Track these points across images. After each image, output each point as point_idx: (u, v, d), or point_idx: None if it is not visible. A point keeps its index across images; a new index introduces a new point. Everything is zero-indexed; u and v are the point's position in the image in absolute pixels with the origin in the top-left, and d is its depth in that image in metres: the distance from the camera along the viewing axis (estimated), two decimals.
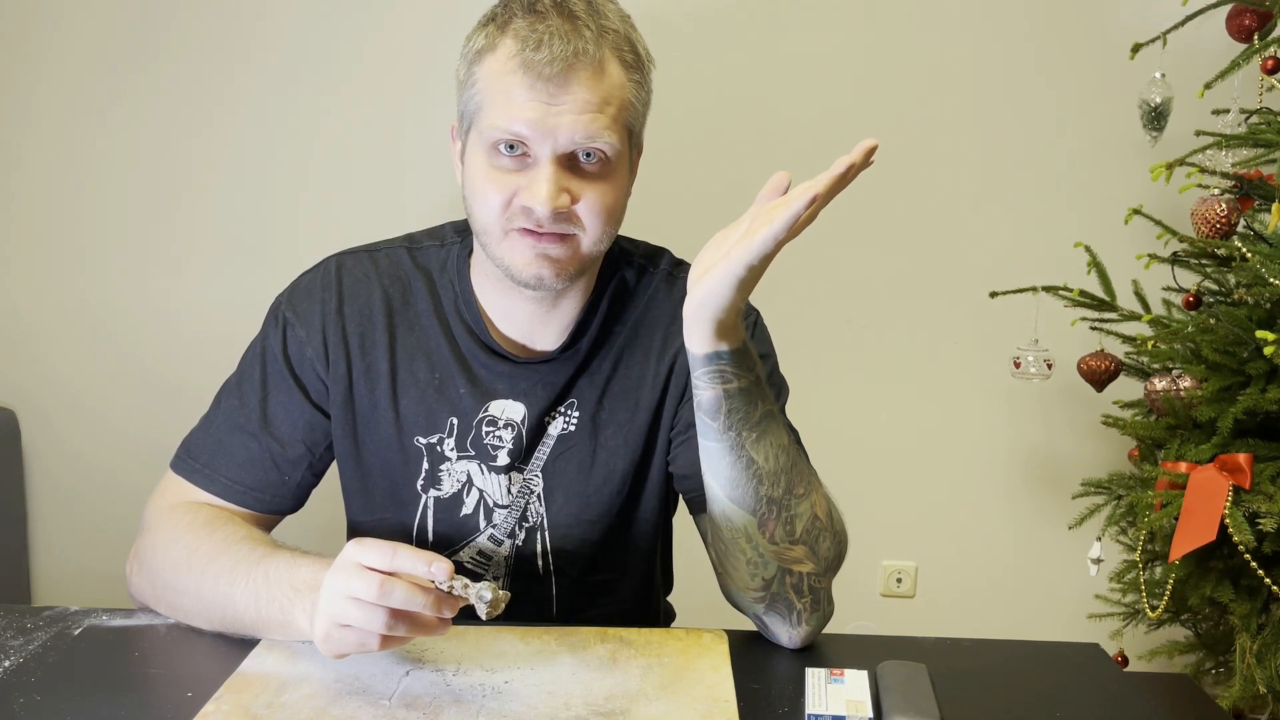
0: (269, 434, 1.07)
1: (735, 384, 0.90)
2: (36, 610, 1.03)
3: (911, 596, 2.25)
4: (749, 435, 0.92)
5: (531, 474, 1.08)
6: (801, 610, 0.97)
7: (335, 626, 0.84)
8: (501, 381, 1.07)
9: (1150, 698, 0.93)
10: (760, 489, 0.93)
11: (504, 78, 0.94)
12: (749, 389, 0.91)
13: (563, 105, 0.93)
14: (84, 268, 2.15)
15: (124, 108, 2.10)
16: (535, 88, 0.93)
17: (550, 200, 0.94)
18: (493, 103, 0.95)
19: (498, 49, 0.95)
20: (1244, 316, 1.52)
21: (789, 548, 0.95)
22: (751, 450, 0.92)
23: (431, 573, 0.82)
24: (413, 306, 1.09)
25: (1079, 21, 2.05)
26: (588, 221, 0.98)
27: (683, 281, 1.11)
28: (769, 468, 0.93)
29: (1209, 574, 1.54)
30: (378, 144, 2.11)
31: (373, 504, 1.11)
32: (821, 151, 2.18)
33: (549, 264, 0.98)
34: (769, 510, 0.93)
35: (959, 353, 2.16)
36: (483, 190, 0.98)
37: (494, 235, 0.99)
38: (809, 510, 0.95)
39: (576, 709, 0.85)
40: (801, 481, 0.95)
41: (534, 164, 0.95)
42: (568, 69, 0.92)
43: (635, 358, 1.09)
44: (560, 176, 0.95)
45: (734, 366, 0.89)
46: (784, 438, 0.94)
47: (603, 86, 0.95)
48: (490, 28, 0.97)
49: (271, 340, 1.09)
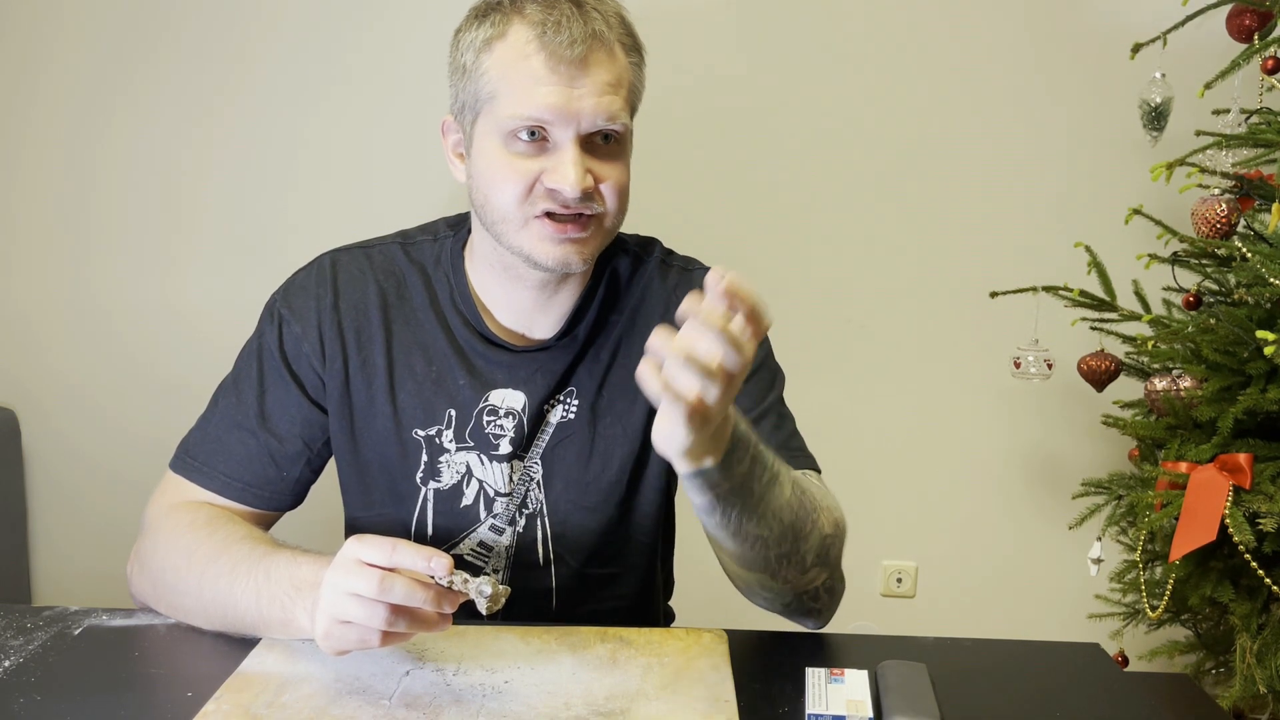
0: (267, 430, 1.08)
1: (727, 485, 0.85)
2: (36, 610, 1.03)
3: (911, 596, 2.25)
4: (749, 520, 0.88)
5: (531, 461, 1.09)
6: (821, 608, 1.01)
7: (336, 623, 0.84)
8: (501, 371, 1.08)
9: (1150, 698, 0.93)
10: (768, 552, 0.92)
11: (520, 63, 0.95)
12: (744, 482, 0.86)
13: (584, 88, 0.94)
14: (84, 267, 2.15)
15: (124, 107, 2.10)
16: (558, 70, 0.94)
17: (579, 183, 0.95)
18: (510, 89, 0.95)
19: (508, 35, 0.96)
20: (1244, 316, 1.52)
21: (802, 575, 0.96)
22: (754, 528, 0.89)
23: (431, 568, 0.82)
24: (408, 301, 1.10)
25: (1079, 21, 2.05)
26: (609, 200, 0.99)
27: (675, 271, 1.13)
28: (774, 535, 0.91)
29: (1209, 574, 1.54)
30: (378, 143, 2.11)
31: (371, 499, 1.11)
32: (821, 151, 2.20)
33: (574, 246, 0.99)
34: (779, 564, 0.94)
35: (959, 353, 2.16)
36: (501, 179, 0.98)
37: (513, 223, 0.99)
38: (818, 539, 0.96)
39: (576, 709, 0.85)
40: (808, 518, 0.94)
41: (555, 148, 0.96)
42: (588, 50, 0.94)
43: (634, 348, 1.10)
44: (583, 158, 0.96)
45: (722, 473, 0.84)
46: (786, 492, 0.91)
47: (616, 67, 0.97)
48: (495, 16, 0.97)
49: (268, 337, 1.09)
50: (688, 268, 1.14)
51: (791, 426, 1.11)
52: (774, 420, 1.09)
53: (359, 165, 2.11)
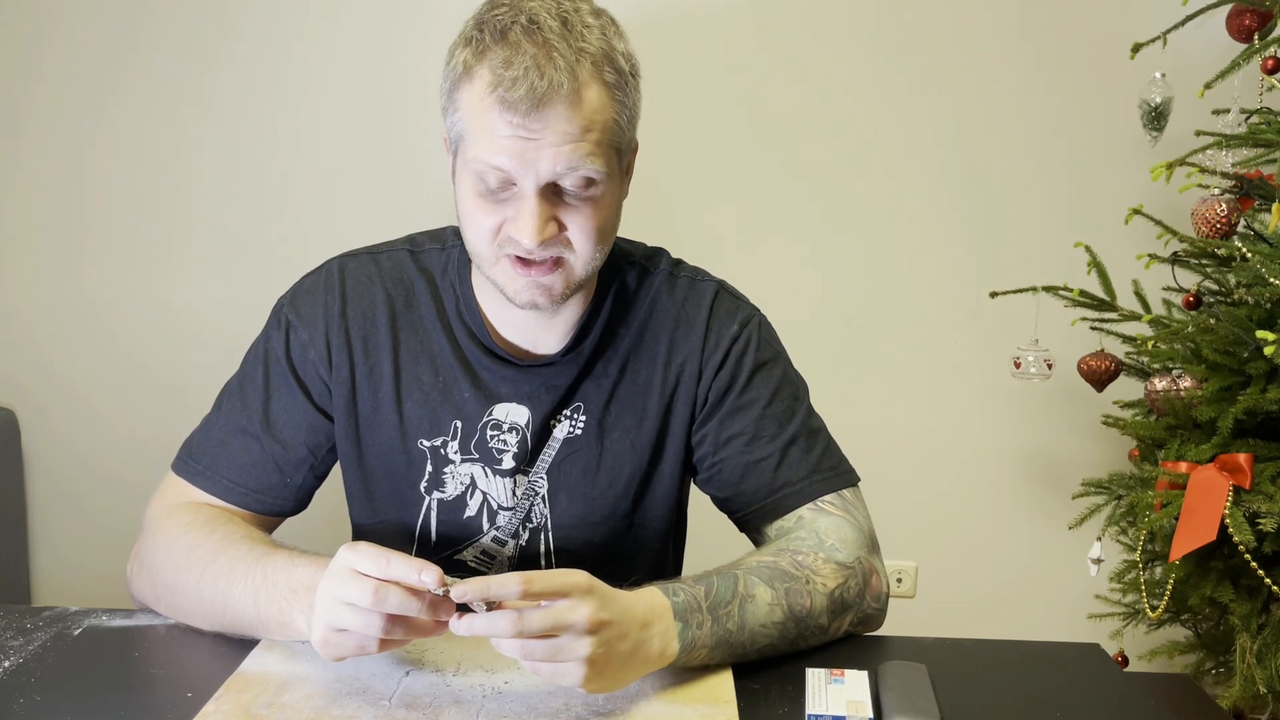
0: (271, 436, 1.07)
1: (704, 651, 0.92)
2: (36, 610, 1.03)
3: (911, 596, 2.25)
4: (741, 646, 0.94)
5: (536, 476, 1.08)
6: (865, 625, 1.04)
7: (332, 632, 0.84)
8: (505, 385, 1.07)
9: (1150, 698, 0.93)
10: (780, 646, 0.97)
11: (482, 113, 0.92)
12: (713, 634, 0.92)
13: (541, 139, 0.91)
14: (84, 267, 2.15)
15: (124, 107, 2.10)
16: (513, 123, 0.90)
17: (536, 235, 0.93)
18: (474, 135, 0.94)
19: (474, 79, 0.93)
20: (1244, 316, 1.52)
21: (825, 634, 1.00)
22: (752, 647, 0.95)
23: (422, 581, 0.81)
24: (416, 309, 1.09)
25: (1079, 21, 2.05)
26: (578, 245, 0.97)
27: (683, 282, 1.12)
28: (775, 636, 0.96)
29: (1209, 574, 1.54)
30: (379, 143, 2.11)
31: (375, 506, 1.11)
32: (821, 151, 2.20)
33: (541, 290, 0.98)
34: (798, 643, 0.98)
35: (959, 353, 2.16)
36: (472, 217, 0.97)
37: (486, 259, 0.99)
38: (824, 603, 0.99)
39: (576, 709, 0.85)
40: (800, 600, 0.97)
41: (518, 196, 0.94)
42: (541, 103, 0.89)
43: (642, 363, 1.09)
44: (545, 207, 0.94)
45: (686, 652, 0.91)
46: (765, 597, 0.95)
47: (582, 114, 0.92)
48: (467, 53, 0.94)
49: (274, 342, 1.09)
50: (695, 279, 1.12)
51: (823, 444, 1.10)
52: (802, 445, 1.08)
53: (359, 165, 2.11)
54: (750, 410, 1.08)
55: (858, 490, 1.10)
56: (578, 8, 0.94)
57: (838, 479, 1.09)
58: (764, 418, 1.08)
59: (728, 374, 1.08)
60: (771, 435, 1.07)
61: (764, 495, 1.07)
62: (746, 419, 1.08)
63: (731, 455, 1.08)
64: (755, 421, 1.08)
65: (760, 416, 1.08)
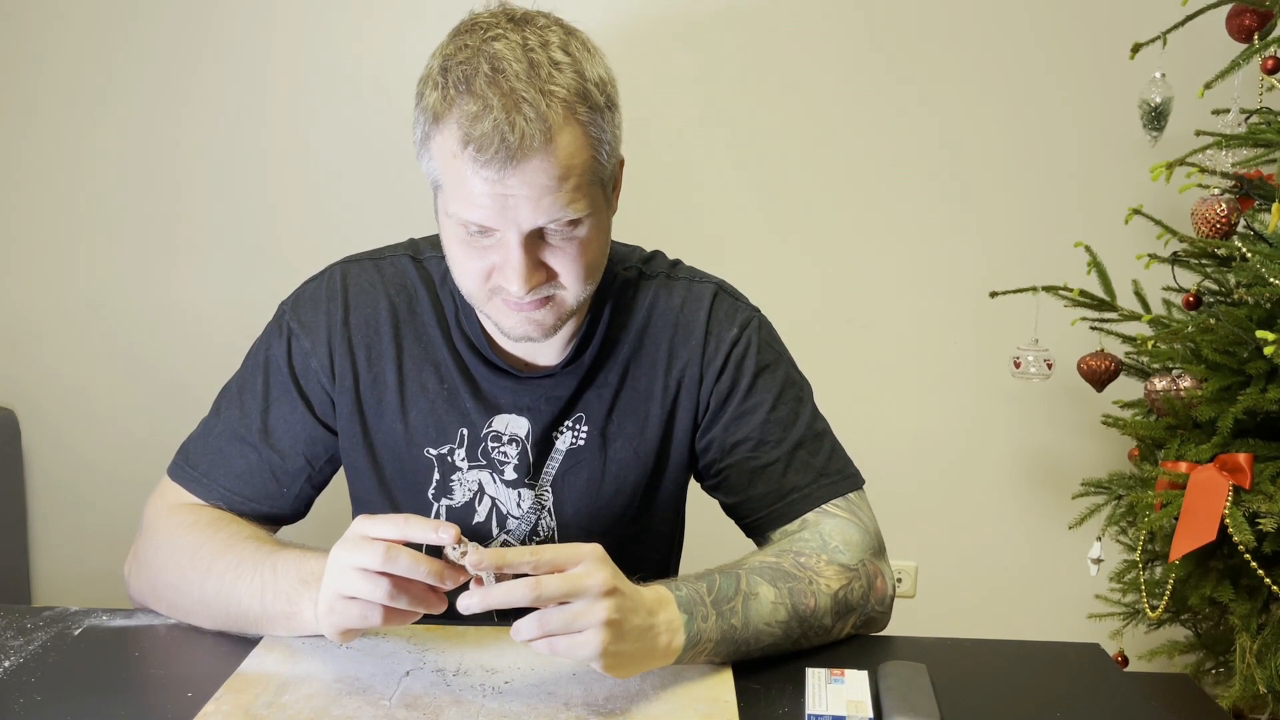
0: (269, 445, 1.07)
1: (710, 646, 0.92)
2: (36, 610, 1.03)
3: (911, 596, 2.25)
4: (745, 644, 0.94)
5: (542, 489, 1.08)
6: (870, 625, 1.04)
7: (339, 599, 0.84)
8: (504, 396, 1.07)
9: (1150, 698, 0.93)
10: (784, 643, 0.97)
11: (456, 169, 0.89)
12: (718, 628, 0.92)
13: (517, 192, 0.88)
14: (83, 267, 2.15)
15: (123, 106, 2.10)
16: (488, 179, 0.88)
17: (524, 285, 0.92)
18: (450, 188, 0.91)
19: (444, 129, 0.89)
20: (1244, 316, 1.52)
21: (828, 634, 1.00)
22: (755, 645, 0.95)
23: (440, 537, 0.82)
24: (419, 316, 1.08)
25: (1079, 21, 2.05)
26: (568, 283, 0.96)
27: (682, 285, 1.11)
28: (779, 635, 0.96)
29: (1209, 574, 1.54)
30: (379, 143, 2.10)
31: (382, 512, 1.10)
32: (821, 151, 2.19)
33: (535, 325, 0.97)
34: (801, 641, 0.98)
35: (959, 353, 2.16)
36: (460, 262, 0.96)
37: (477, 299, 0.98)
38: (828, 604, 0.99)
39: (576, 709, 0.85)
40: (804, 600, 0.97)
41: (501, 244, 0.92)
42: (514, 158, 0.86)
43: (642, 370, 1.09)
44: (531, 252, 0.92)
45: (692, 650, 0.91)
46: (769, 595, 0.96)
47: (558, 162, 0.88)
48: (435, 96, 0.90)
49: (275, 350, 1.08)
50: (694, 280, 1.12)
51: (829, 447, 1.10)
52: (809, 449, 1.08)
53: (359, 165, 2.11)
54: (755, 415, 1.08)
55: (863, 493, 1.10)
56: (545, 41, 0.90)
57: (844, 482, 1.09)
58: (769, 422, 1.08)
59: (729, 379, 1.08)
60: (777, 440, 1.07)
61: (771, 500, 1.07)
62: (751, 424, 1.08)
63: (738, 461, 1.08)
64: (760, 426, 1.07)
65: (765, 421, 1.08)
